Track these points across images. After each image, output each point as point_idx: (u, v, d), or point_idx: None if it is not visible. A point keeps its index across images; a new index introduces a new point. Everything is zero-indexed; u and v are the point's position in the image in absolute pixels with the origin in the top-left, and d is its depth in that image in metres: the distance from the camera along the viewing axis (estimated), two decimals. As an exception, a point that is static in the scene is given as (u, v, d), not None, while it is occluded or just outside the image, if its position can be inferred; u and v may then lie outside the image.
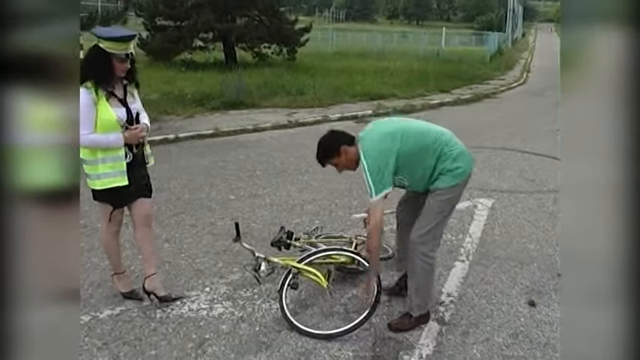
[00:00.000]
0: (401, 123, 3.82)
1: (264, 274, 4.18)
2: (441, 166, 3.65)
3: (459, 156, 3.68)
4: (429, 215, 3.71)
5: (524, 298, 4.38)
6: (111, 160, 3.77)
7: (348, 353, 3.61)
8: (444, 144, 3.67)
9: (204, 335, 3.78)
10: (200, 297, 4.30)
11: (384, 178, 3.54)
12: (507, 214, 6.37)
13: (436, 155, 3.64)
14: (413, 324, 3.89)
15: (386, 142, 3.60)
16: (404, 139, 3.61)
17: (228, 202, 6.67)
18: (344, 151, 3.77)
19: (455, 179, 3.66)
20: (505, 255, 5.20)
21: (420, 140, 3.66)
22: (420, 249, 3.71)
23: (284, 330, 3.85)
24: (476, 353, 3.64)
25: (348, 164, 3.83)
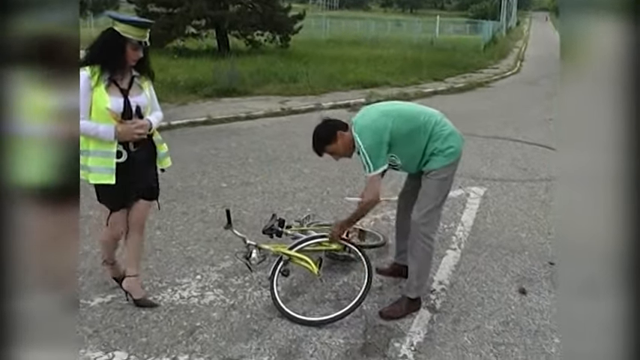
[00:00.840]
0: (392, 105, 3.94)
1: (255, 261, 4.17)
2: (432, 146, 3.73)
3: (449, 136, 3.76)
4: (428, 195, 3.78)
5: (515, 286, 4.39)
6: (100, 155, 3.50)
7: (339, 340, 3.61)
8: (435, 124, 3.75)
9: (195, 323, 3.78)
10: (191, 284, 4.30)
11: (380, 154, 3.64)
12: (499, 202, 6.38)
13: (427, 135, 3.72)
14: (404, 311, 3.90)
15: (379, 121, 3.68)
16: (396, 118, 3.70)
17: (219, 189, 6.66)
18: (340, 136, 3.80)
19: (447, 159, 3.74)
20: (497, 243, 5.21)
21: (411, 120, 3.74)
22: (421, 230, 3.77)
23: (275, 317, 3.85)
24: (467, 340, 3.65)
25: (345, 150, 3.87)
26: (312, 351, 3.50)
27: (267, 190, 6.67)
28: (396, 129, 3.66)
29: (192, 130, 10.03)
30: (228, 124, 10.65)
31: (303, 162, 7.83)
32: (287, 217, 5.03)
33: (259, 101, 12.88)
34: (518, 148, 9.07)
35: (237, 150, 8.66)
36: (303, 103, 12.78)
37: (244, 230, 4.96)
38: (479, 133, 9.93)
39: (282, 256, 4.09)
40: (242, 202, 6.21)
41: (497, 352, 3.53)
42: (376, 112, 3.79)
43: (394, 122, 3.67)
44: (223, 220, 4.28)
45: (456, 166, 3.85)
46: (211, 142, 9.10)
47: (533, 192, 6.78)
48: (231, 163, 7.86)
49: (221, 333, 3.67)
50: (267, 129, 10.36)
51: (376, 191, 3.72)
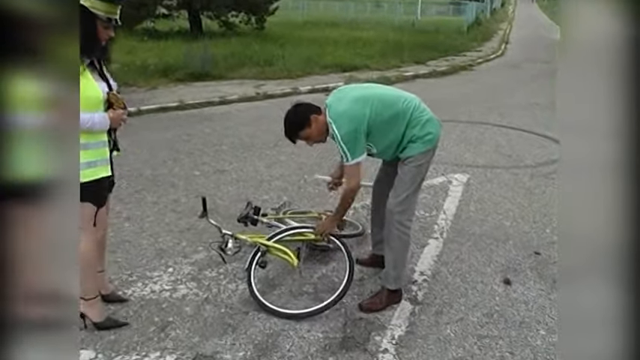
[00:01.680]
0: (368, 89, 3.85)
1: (231, 252, 4.15)
2: (410, 133, 3.71)
3: (427, 122, 3.74)
4: (404, 182, 3.75)
5: (500, 276, 4.42)
6: (93, 147, 3.30)
7: (318, 334, 3.61)
8: (413, 109, 3.74)
9: (167, 318, 3.75)
10: (163, 278, 4.26)
11: (357, 143, 3.60)
12: (483, 190, 6.42)
13: (406, 121, 3.71)
14: (385, 303, 3.91)
15: (356, 109, 3.61)
16: (375, 104, 3.64)
17: (192, 178, 6.60)
18: (314, 120, 3.77)
19: (424, 146, 3.73)
20: (480, 232, 5.24)
21: (391, 106, 3.70)
22: (397, 218, 3.75)
23: (251, 311, 3.83)
24: (449, 333, 3.67)
25: (319, 135, 3.83)
26: (290, 345, 3.49)
27: (242, 177, 6.63)
28: (375, 117, 3.62)
29: (163, 116, 9.93)
30: (201, 110, 10.56)
31: (279, 148, 7.79)
32: (263, 205, 5.00)
33: (233, 85, 12.79)
34: (502, 134, 9.11)
35: (210, 136, 8.59)
36: (279, 87, 12.71)
37: (219, 220, 4.90)
38: (462, 119, 9.97)
39: (259, 247, 4.06)
40: (216, 190, 6.16)
41: (481, 344, 3.55)
42: (353, 98, 3.68)
43: (372, 109, 3.62)
44: (196, 209, 4.26)
45: (433, 152, 3.83)
46: (183, 128, 9.02)
47: (517, 179, 6.82)
48: (204, 150, 7.79)
49: (194, 328, 3.64)
50: (241, 114, 10.29)
51: (357, 179, 3.70)
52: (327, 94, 4.03)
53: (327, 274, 4.37)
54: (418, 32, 26.90)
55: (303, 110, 3.83)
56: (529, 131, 9.26)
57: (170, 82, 12.78)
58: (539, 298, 4.11)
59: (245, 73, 14.17)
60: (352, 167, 3.65)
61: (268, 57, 15.72)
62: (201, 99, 11.09)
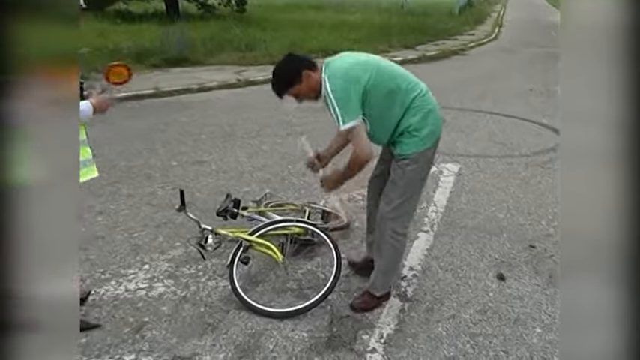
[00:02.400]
0: (374, 58, 3.60)
1: (210, 247, 4.13)
2: (408, 122, 3.47)
3: (429, 114, 3.50)
4: (397, 187, 3.56)
5: (493, 271, 4.44)
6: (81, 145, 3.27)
7: (302, 334, 3.60)
8: (417, 94, 3.49)
9: (143, 318, 3.72)
10: (138, 275, 4.23)
11: (352, 105, 3.32)
12: (475, 180, 6.43)
13: (406, 105, 3.46)
14: (376, 302, 3.89)
15: (355, 70, 3.38)
16: (374, 72, 3.40)
17: (169, 169, 6.56)
18: (306, 76, 3.49)
19: (422, 143, 3.49)
20: (472, 225, 5.26)
21: (390, 80, 3.45)
22: (389, 225, 3.64)
23: (232, 310, 3.82)
24: (441, 331, 3.67)
25: (310, 92, 3.56)
26: (273, 346, 3.48)
27: (221, 169, 6.60)
28: (373, 84, 3.36)
29: (136, 104, 9.86)
30: (179, 97, 10.52)
31: (261, 138, 7.77)
32: (244, 198, 4.98)
33: (213, 71, 12.74)
34: (495, 122, 9.14)
35: (188, 125, 8.55)
36: (261, 73, 12.64)
37: (197, 214, 4.88)
38: (453, 106, 9.99)
39: (241, 242, 4.04)
40: (194, 182, 6.13)
41: (474, 343, 3.56)
42: (355, 60, 3.46)
43: (372, 75, 3.37)
44: (173, 202, 4.23)
45: (432, 153, 3.60)
46: (159, 117, 8.97)
47: (512, 169, 6.84)
48: (181, 139, 7.75)
49: (172, 328, 3.62)
50: (221, 102, 10.26)
51: (361, 144, 3.38)
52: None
53: (312, 269, 4.36)
54: (407, 15, 26.87)
55: (296, 64, 3.54)
56: (524, 118, 9.29)
57: (145, 67, 12.69)
58: (535, 293, 4.13)
59: (225, 58, 14.11)
60: (349, 132, 3.35)
61: (249, 41, 15.66)
62: (178, 86, 11.04)
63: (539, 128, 8.72)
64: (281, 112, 9.24)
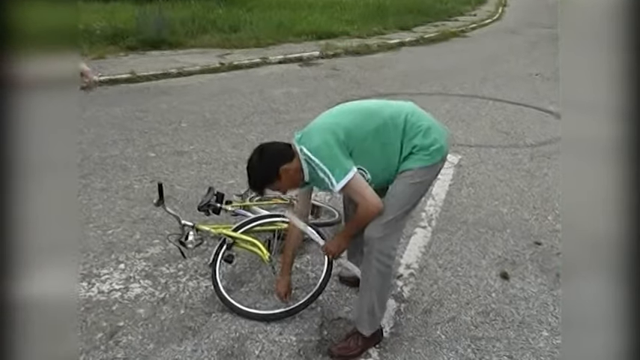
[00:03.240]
0: (344, 106, 3.47)
1: (191, 245, 4.13)
2: (410, 145, 3.26)
3: (429, 130, 3.29)
4: (394, 201, 3.31)
5: (496, 269, 4.44)
6: None
7: (291, 337, 3.59)
8: (406, 115, 3.30)
9: (118, 322, 3.70)
10: (113, 276, 4.21)
11: (339, 157, 3.14)
12: (477, 172, 6.44)
13: (400, 130, 3.26)
14: (361, 347, 3.52)
15: (326, 121, 3.30)
16: (350, 116, 3.29)
17: (147, 160, 6.53)
18: (285, 172, 3.30)
19: (430, 158, 3.27)
20: (473, 220, 5.26)
21: (372, 115, 3.30)
22: (376, 246, 3.31)
23: (215, 312, 3.81)
24: (440, 335, 3.67)
25: (293, 184, 3.43)
26: (259, 351, 3.47)
27: (204, 160, 6.58)
28: (354, 128, 3.21)
29: (112, 89, 9.80)
30: (157, 82, 10.47)
31: (247, 126, 7.75)
32: (228, 191, 4.97)
33: (194, 55, 12.69)
34: (498, 109, 9.16)
35: (167, 113, 8.51)
36: (246, 56, 12.62)
37: (176, 209, 4.88)
38: (453, 92, 9.97)
39: (225, 239, 4.03)
40: (174, 175, 6.11)
41: (475, 347, 3.56)
42: (325, 115, 3.40)
43: (349, 120, 3.25)
44: (151, 196, 4.21)
45: (437, 170, 3.40)
46: (136, 104, 8.92)
47: (516, 160, 6.85)
48: (160, 128, 7.72)
49: (149, 333, 3.61)
50: (203, 87, 10.22)
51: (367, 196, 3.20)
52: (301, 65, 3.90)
53: (301, 268, 4.35)
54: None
55: (270, 161, 3.33)
56: (529, 105, 9.31)
57: (120, 50, 12.64)
58: (541, 294, 4.13)
59: (207, 40, 14.06)
60: (349, 189, 3.19)
61: (234, 22, 15.62)
62: (156, 70, 10.98)
63: (546, 116, 8.74)
64: (268, 99, 9.22)
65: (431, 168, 3.31)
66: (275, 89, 9.95)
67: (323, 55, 13.34)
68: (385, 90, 9.98)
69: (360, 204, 3.24)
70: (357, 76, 11.40)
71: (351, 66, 12.51)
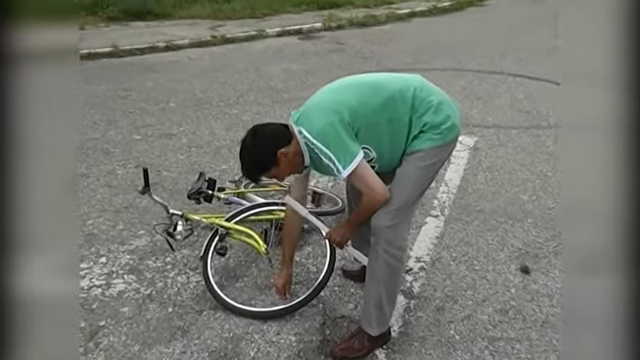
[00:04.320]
0: (345, 80, 3.40)
1: (180, 236, 4.14)
2: (420, 122, 3.19)
3: (441, 105, 3.23)
4: (403, 187, 3.26)
5: (516, 263, 4.43)
6: None
7: (290, 337, 3.60)
8: (415, 88, 3.22)
9: (99, 322, 3.71)
10: (93, 270, 4.22)
11: (342, 141, 3.06)
12: (495, 155, 6.43)
13: (408, 106, 3.18)
14: (367, 348, 3.51)
15: (328, 99, 3.20)
16: (353, 91, 3.21)
17: (131, 143, 6.55)
18: (282, 155, 3.21)
19: (441, 137, 3.21)
20: (491, 208, 5.26)
21: (378, 90, 3.22)
22: (384, 235, 3.26)
23: (206, 310, 3.82)
24: (453, 335, 3.67)
25: (292, 169, 3.36)
26: (255, 352, 3.48)
27: (194, 143, 6.58)
28: (359, 105, 3.13)
29: (91, 65, 9.82)
30: (142, 57, 10.48)
31: (241, 106, 7.74)
32: (220, 177, 4.97)
33: (183, 26, 12.68)
34: (519, 86, 9.13)
35: (154, 91, 8.52)
36: (240, 29, 12.60)
37: (164, 196, 4.87)
38: (468, 67, 9.94)
39: (217, 229, 4.04)
40: (162, 159, 6.12)
41: (493, 349, 3.56)
42: (325, 90, 3.32)
43: (352, 95, 3.17)
44: (136, 183, 4.21)
45: (449, 151, 3.37)
46: (119, 81, 8.93)
47: (539, 142, 6.84)
48: (146, 108, 7.74)
49: (133, 334, 3.61)
50: (193, 63, 10.21)
51: (373, 184, 3.15)
52: (300, 38, 3.87)
53: (301, 261, 4.36)
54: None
55: (265, 146, 3.24)
56: (553, 81, 9.27)
57: (100, 20, 12.68)
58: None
59: (197, 11, 14.06)
60: (354, 177, 3.13)
61: (227, -10, 15.57)
62: (141, 43, 11.01)
63: (572, 93, 8.70)
64: (264, 76, 9.20)
65: (442, 148, 3.25)
66: (272, 65, 9.94)
67: (325, 27, 13.30)
68: (394, 65, 9.94)
69: (366, 193, 3.20)
70: (362, 50, 11.39)
71: (357, 39, 12.50)
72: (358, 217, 3.42)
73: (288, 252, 3.76)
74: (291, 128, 3.25)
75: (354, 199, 3.80)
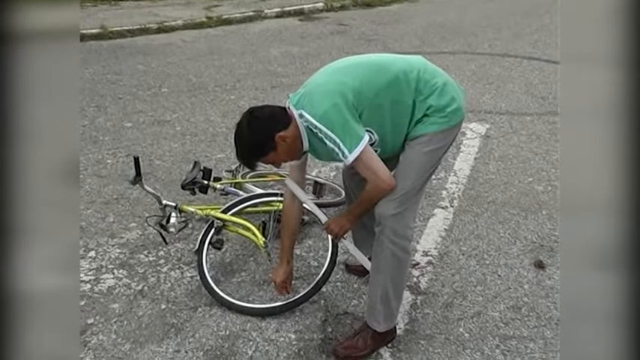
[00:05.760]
0: (346, 60, 3.41)
1: (174, 229, 4.14)
2: (424, 105, 3.20)
3: (446, 87, 3.25)
4: (408, 173, 3.28)
5: (529, 258, 4.44)
6: None
7: (289, 335, 3.62)
8: (418, 70, 3.23)
9: (87, 319, 3.72)
10: (81, 265, 4.23)
11: (347, 123, 3.06)
12: (507, 144, 6.43)
13: (412, 88, 3.19)
14: (371, 346, 3.51)
15: (331, 80, 3.20)
16: (356, 72, 3.21)
17: (122, 131, 6.56)
18: (281, 139, 3.21)
19: (446, 121, 3.24)
20: (503, 199, 5.26)
21: (381, 70, 3.22)
22: (389, 224, 3.27)
23: (201, 306, 3.83)
24: (463, 332, 3.68)
25: (291, 154, 3.35)
26: (252, 351, 3.50)
27: (188, 130, 6.59)
28: (362, 86, 3.13)
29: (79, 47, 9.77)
30: (133, 39, 10.48)
31: (238, 91, 7.74)
32: (216, 167, 4.98)
33: (176, 7, 12.67)
34: (534, 69, 9.12)
35: (145, 75, 8.53)
36: (237, 9, 12.58)
37: (157, 187, 4.88)
38: (480, 49, 9.92)
39: (213, 222, 4.05)
40: (154, 148, 6.13)
41: (505, 348, 3.57)
42: (327, 72, 3.32)
43: (355, 76, 3.16)
44: (127, 173, 4.22)
45: (454, 135, 3.37)
46: (108, 65, 8.93)
47: (554, 129, 6.82)
48: (137, 93, 7.74)
49: (124, 332, 3.63)
50: (188, 46, 10.21)
51: (378, 171, 3.15)
52: (302, 19, 3.87)
53: (301, 255, 4.37)
54: None
55: (262, 129, 3.24)
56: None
57: (87, 0, 12.59)
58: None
59: (192, -11, 14.02)
60: (359, 162, 3.11)
61: (223, -33, 15.54)
62: (131, 25, 10.99)
63: (590, 78, 8.69)
64: (263, 59, 9.19)
65: (447, 132, 3.27)
66: (271, 48, 9.93)
67: (327, 7, 13.22)
68: (400, 48, 9.93)
69: (370, 180, 3.19)
70: (367, 32, 11.38)
71: (361, 20, 12.48)
72: (360, 206, 3.40)
73: (287, 243, 3.72)
74: (289, 110, 3.24)
75: (352, 190, 3.81)
